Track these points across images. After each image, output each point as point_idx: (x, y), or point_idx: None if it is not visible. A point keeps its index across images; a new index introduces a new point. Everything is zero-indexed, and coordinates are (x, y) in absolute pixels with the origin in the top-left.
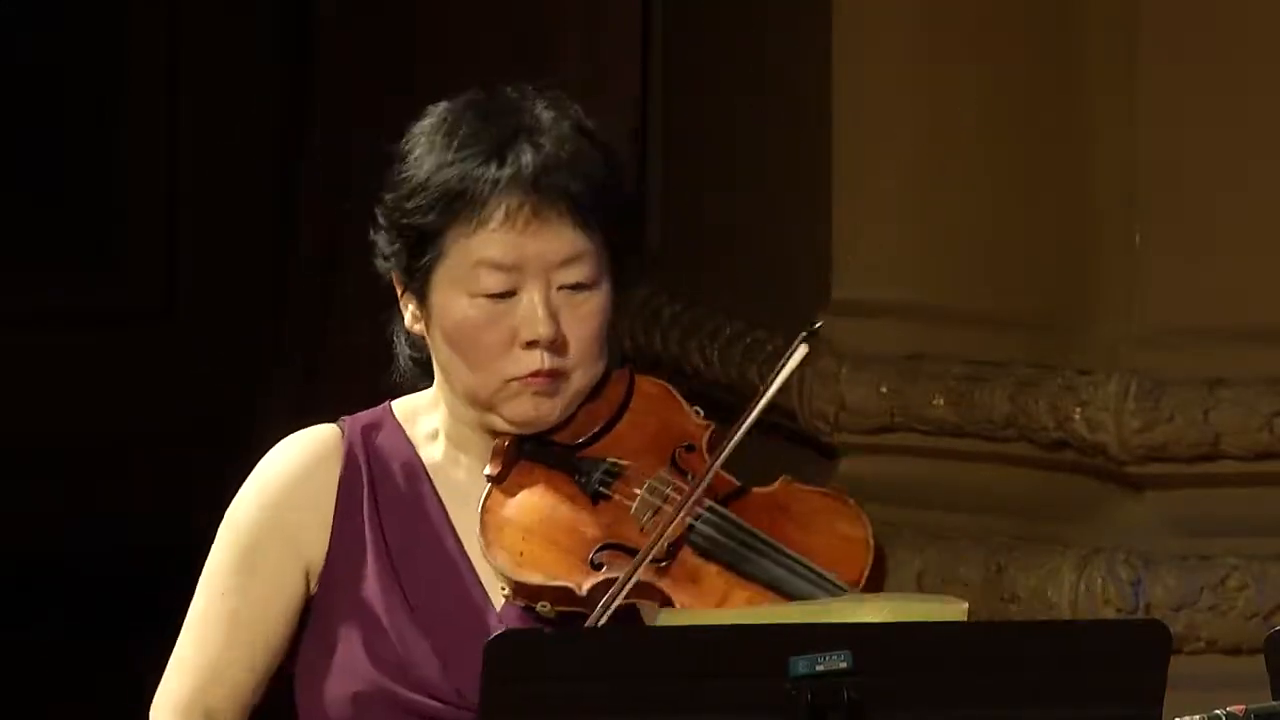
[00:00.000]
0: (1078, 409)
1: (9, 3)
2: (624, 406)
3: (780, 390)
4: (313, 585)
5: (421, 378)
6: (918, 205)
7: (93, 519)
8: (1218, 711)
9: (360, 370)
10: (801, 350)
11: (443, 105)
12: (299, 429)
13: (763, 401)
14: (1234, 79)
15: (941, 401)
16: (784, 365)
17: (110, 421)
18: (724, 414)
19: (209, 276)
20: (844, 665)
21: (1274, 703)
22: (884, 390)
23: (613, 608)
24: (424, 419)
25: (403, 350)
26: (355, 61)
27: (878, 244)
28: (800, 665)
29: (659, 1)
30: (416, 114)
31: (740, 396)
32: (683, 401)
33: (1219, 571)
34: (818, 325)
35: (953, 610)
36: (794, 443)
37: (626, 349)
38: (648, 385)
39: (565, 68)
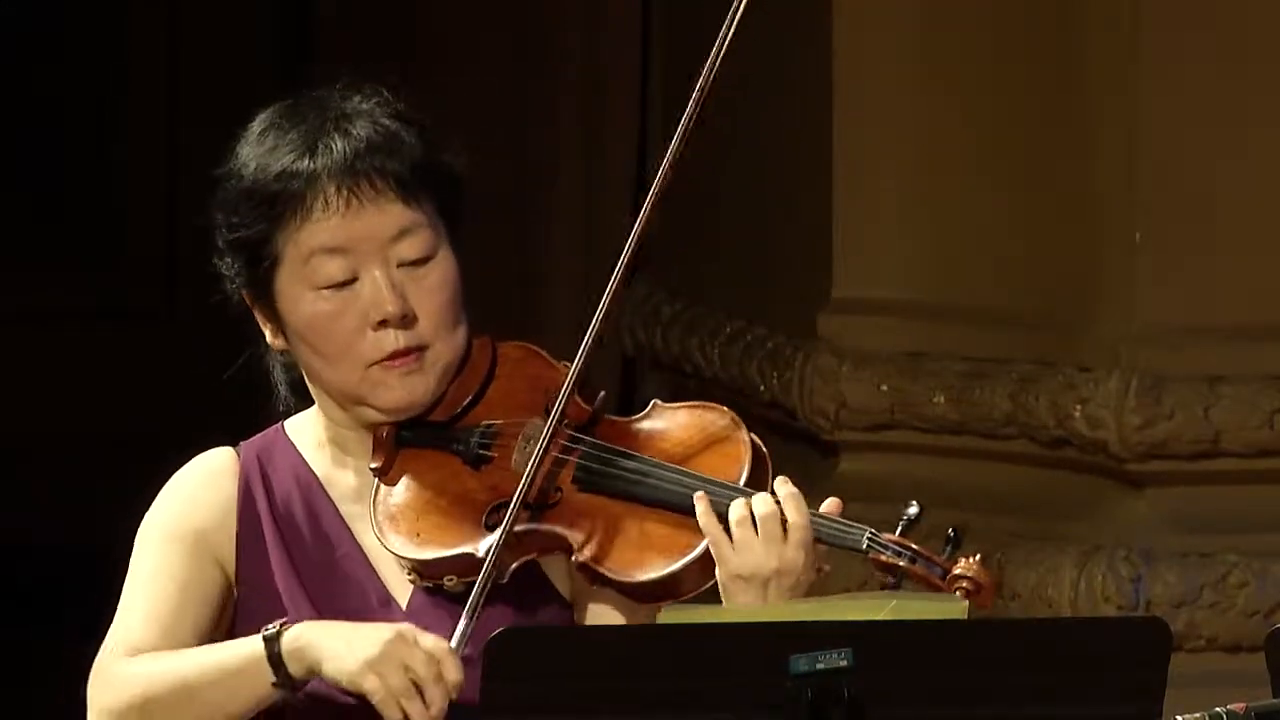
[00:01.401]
0: (1078, 406)
1: (9, 3)
2: (490, 373)
3: (780, 388)
4: (229, 591)
5: (304, 399)
6: (918, 204)
7: (92, 518)
8: (1218, 709)
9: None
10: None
11: (262, 114)
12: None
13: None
14: (1234, 79)
15: (942, 399)
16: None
17: (110, 421)
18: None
19: (209, 276)
20: (844, 663)
21: (1275, 700)
22: (884, 388)
23: (503, 561)
24: (310, 433)
25: (280, 377)
26: (355, 61)
27: (878, 243)
28: (801, 663)
29: (659, 1)
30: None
31: (740, 394)
32: (548, 356)
33: (1219, 569)
34: None
35: (953, 608)
36: (794, 440)
37: (627, 347)
38: (510, 349)
39: (565, 68)
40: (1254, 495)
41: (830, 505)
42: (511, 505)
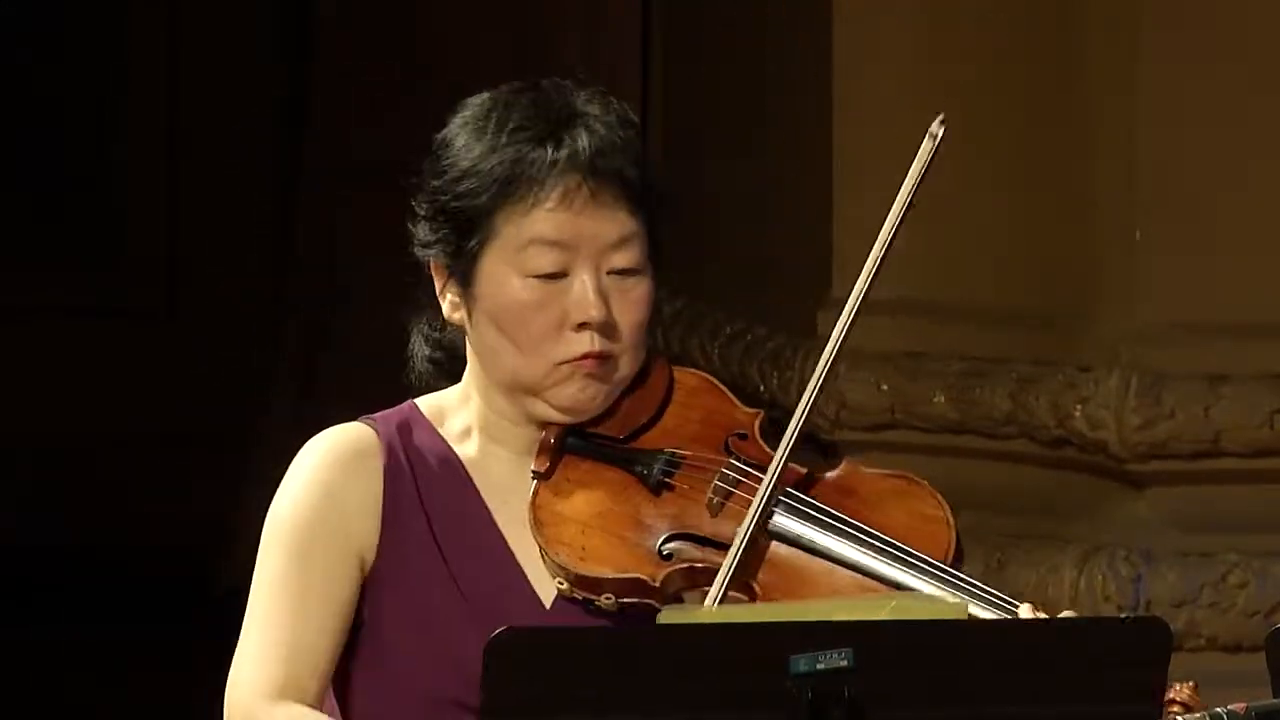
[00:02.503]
0: (1078, 406)
1: (9, 3)
2: (667, 399)
3: (780, 388)
4: (365, 574)
5: (437, 379)
6: (917, 204)
7: (92, 518)
8: (1218, 709)
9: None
10: (927, 148)
11: (485, 95)
12: (299, 429)
13: (875, 263)
14: (1234, 79)
15: (942, 399)
16: (921, 173)
17: (110, 421)
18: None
19: (209, 276)
20: (844, 663)
21: (1275, 700)
22: (884, 387)
23: (720, 596)
24: (453, 417)
25: (420, 351)
26: (355, 61)
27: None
28: (801, 663)
29: (659, 1)
30: (417, 114)
31: (741, 395)
32: (726, 390)
33: (1219, 568)
34: (941, 117)
35: (953, 608)
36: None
37: None
38: (688, 376)
39: (565, 68)
40: (1254, 495)
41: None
42: (733, 551)
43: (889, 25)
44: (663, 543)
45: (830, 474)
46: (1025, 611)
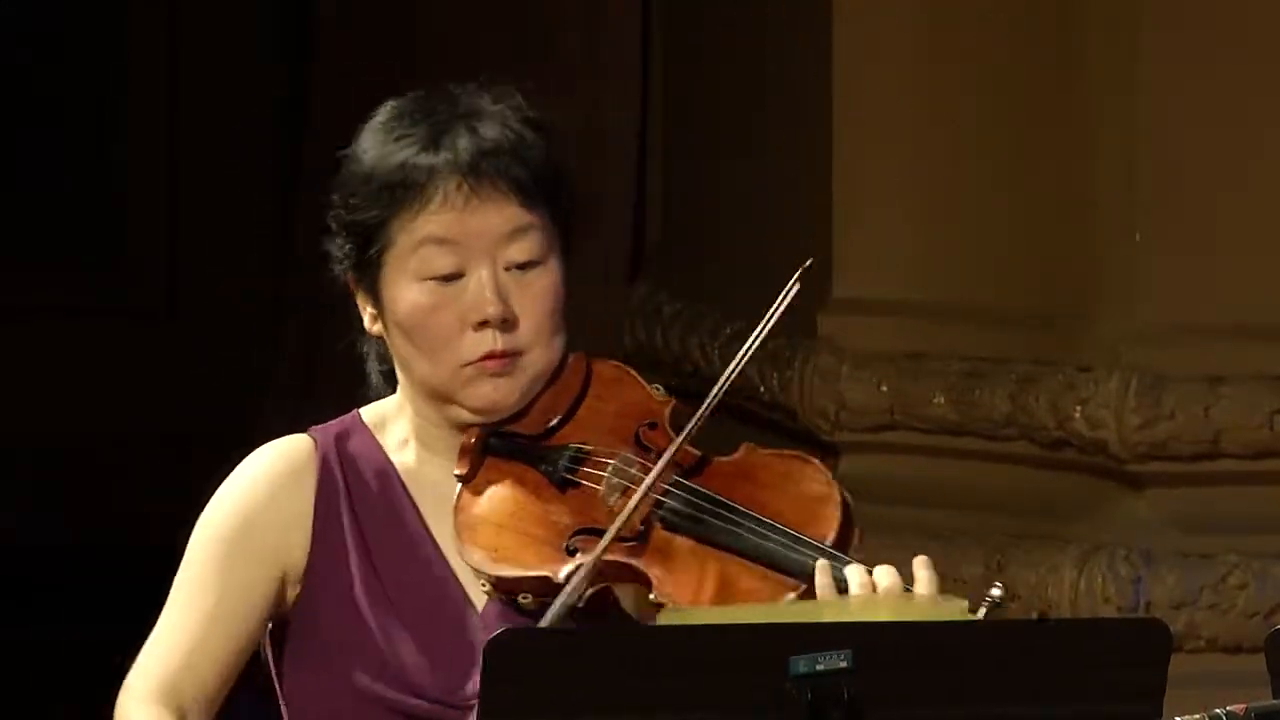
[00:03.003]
0: (1078, 407)
1: (9, 3)
2: (584, 391)
3: (780, 389)
4: (290, 593)
5: (391, 391)
6: (918, 204)
7: (92, 518)
8: (1218, 710)
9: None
10: (795, 289)
11: (388, 104)
12: (299, 429)
13: (740, 362)
14: (1234, 79)
15: (942, 400)
16: (777, 306)
17: (110, 421)
18: (723, 412)
19: (209, 276)
20: (844, 664)
21: (1275, 701)
22: (884, 388)
23: (581, 589)
24: (393, 425)
25: (373, 366)
26: (355, 61)
27: (878, 243)
28: (800, 664)
29: (659, 1)
30: None
31: (740, 395)
32: (641, 380)
33: (1219, 569)
34: (809, 264)
35: (952, 609)
36: (794, 441)
37: (627, 346)
38: (605, 368)
39: (565, 68)
40: (1254, 496)
41: (920, 564)
42: (603, 541)
43: (889, 25)
44: (569, 539)
45: (724, 459)
46: (885, 575)
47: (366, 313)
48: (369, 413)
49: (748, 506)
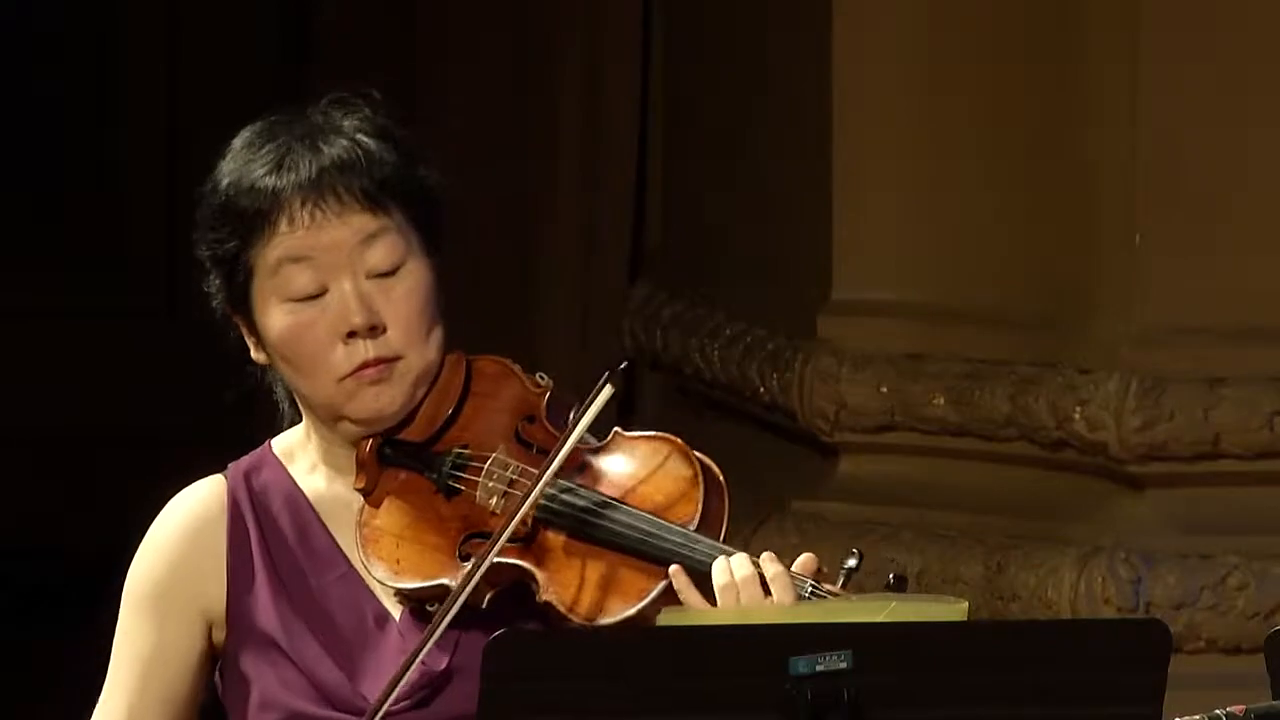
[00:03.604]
0: (1078, 408)
1: (9, 3)
2: (465, 391)
3: (780, 390)
4: (217, 634)
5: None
6: (918, 205)
7: (92, 518)
8: (1218, 711)
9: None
10: (607, 391)
11: (244, 131)
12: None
13: (566, 447)
14: (1234, 79)
15: (942, 401)
16: (588, 406)
17: (110, 421)
18: (723, 412)
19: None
20: (844, 665)
21: (1274, 703)
22: (884, 390)
23: (464, 595)
24: (301, 453)
25: (282, 394)
26: (355, 62)
27: (878, 244)
28: (800, 665)
29: (659, 1)
30: (417, 114)
31: (740, 396)
32: (520, 373)
33: (1219, 570)
34: (623, 365)
35: (953, 610)
36: (794, 442)
37: (627, 347)
38: (485, 364)
39: (565, 68)
40: (1254, 497)
41: (805, 562)
42: (491, 544)
43: (889, 24)
44: (461, 545)
45: (596, 448)
46: (768, 563)
47: (250, 341)
48: (279, 443)
49: (615, 496)
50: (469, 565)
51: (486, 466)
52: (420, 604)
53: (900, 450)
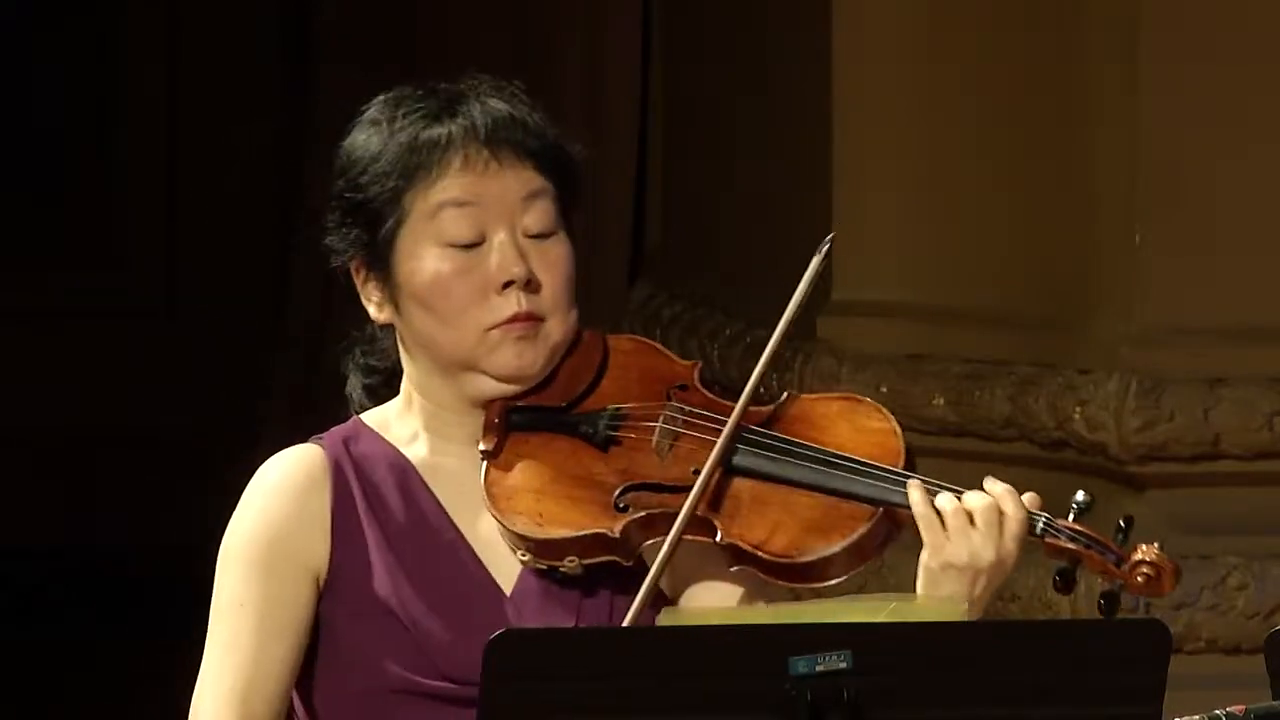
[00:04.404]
0: (1078, 408)
1: (9, 3)
2: (604, 364)
3: (780, 390)
4: (321, 589)
5: (377, 405)
6: (918, 205)
7: (92, 518)
8: (1218, 711)
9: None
10: (816, 262)
11: (380, 97)
12: (298, 430)
13: (782, 325)
14: (1234, 79)
15: (941, 401)
16: (804, 283)
17: (110, 421)
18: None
19: (209, 276)
20: (844, 665)
21: (1274, 703)
22: (884, 390)
23: (672, 541)
24: (398, 424)
25: (356, 384)
26: (355, 62)
27: (877, 245)
28: (800, 665)
29: (659, 1)
30: None
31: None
32: (662, 348)
33: (1219, 571)
34: (831, 236)
35: (953, 610)
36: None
37: None
38: (623, 341)
39: (565, 68)
40: (1254, 497)
41: (1032, 499)
42: (693, 491)
43: (889, 25)
44: (618, 496)
45: (776, 405)
46: (975, 497)
47: (373, 301)
48: (370, 417)
49: (805, 440)
50: (629, 515)
51: (664, 412)
52: (555, 561)
53: None
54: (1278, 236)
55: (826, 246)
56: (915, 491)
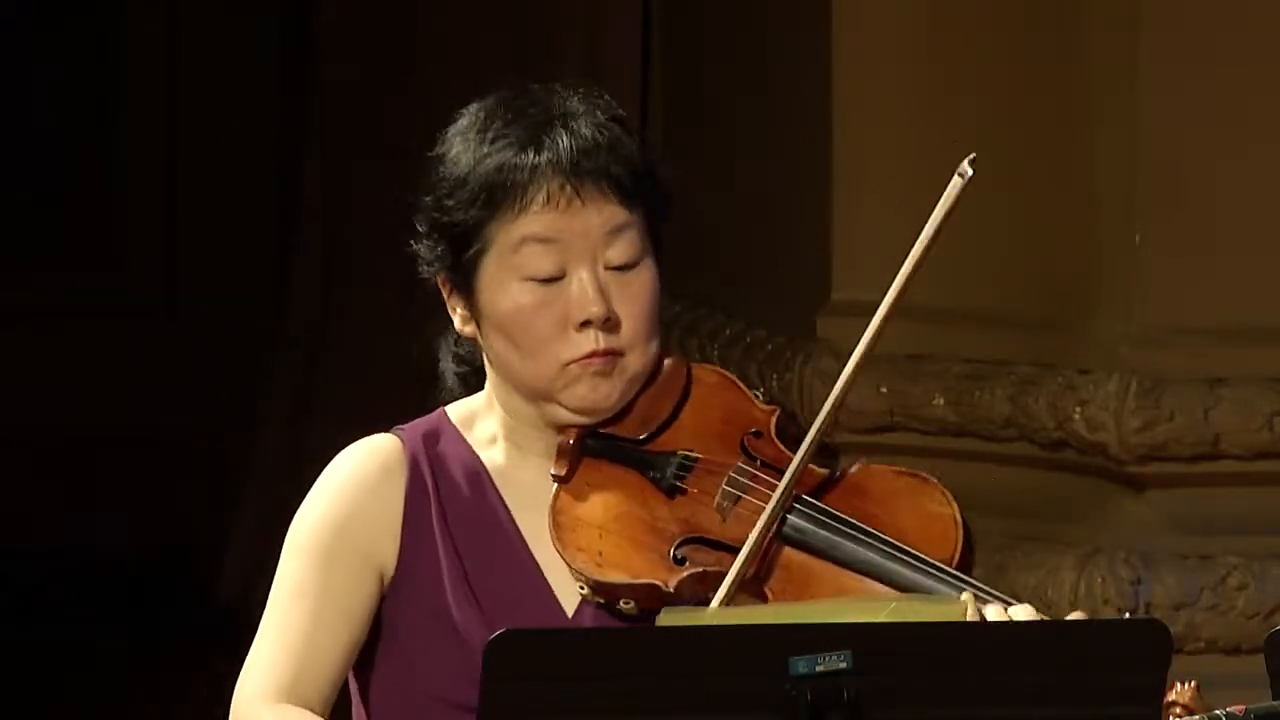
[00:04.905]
0: (1078, 408)
1: (9, 3)
2: (685, 396)
3: (780, 391)
4: (385, 585)
5: (466, 393)
6: (918, 205)
7: (92, 518)
8: (1218, 711)
9: (361, 373)
10: (957, 184)
11: (474, 105)
12: (298, 429)
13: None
14: (1234, 79)
15: (941, 401)
16: (940, 207)
17: (110, 421)
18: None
19: (209, 276)
20: (844, 665)
21: (1274, 703)
22: (884, 390)
23: (720, 603)
24: (480, 424)
25: (448, 367)
26: (355, 62)
27: (877, 245)
28: (800, 665)
29: (659, 2)
30: (416, 114)
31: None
32: (744, 387)
33: (1219, 571)
34: (971, 157)
35: (953, 610)
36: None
37: None
38: (706, 373)
39: (565, 68)
40: (1254, 497)
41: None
42: (740, 558)
43: (889, 25)
44: (676, 547)
45: (840, 473)
46: (1022, 612)
47: (457, 314)
48: (456, 411)
49: (867, 523)
50: (685, 569)
51: (729, 473)
52: (610, 600)
53: (900, 451)
54: (1278, 236)
55: (970, 171)
56: (969, 602)
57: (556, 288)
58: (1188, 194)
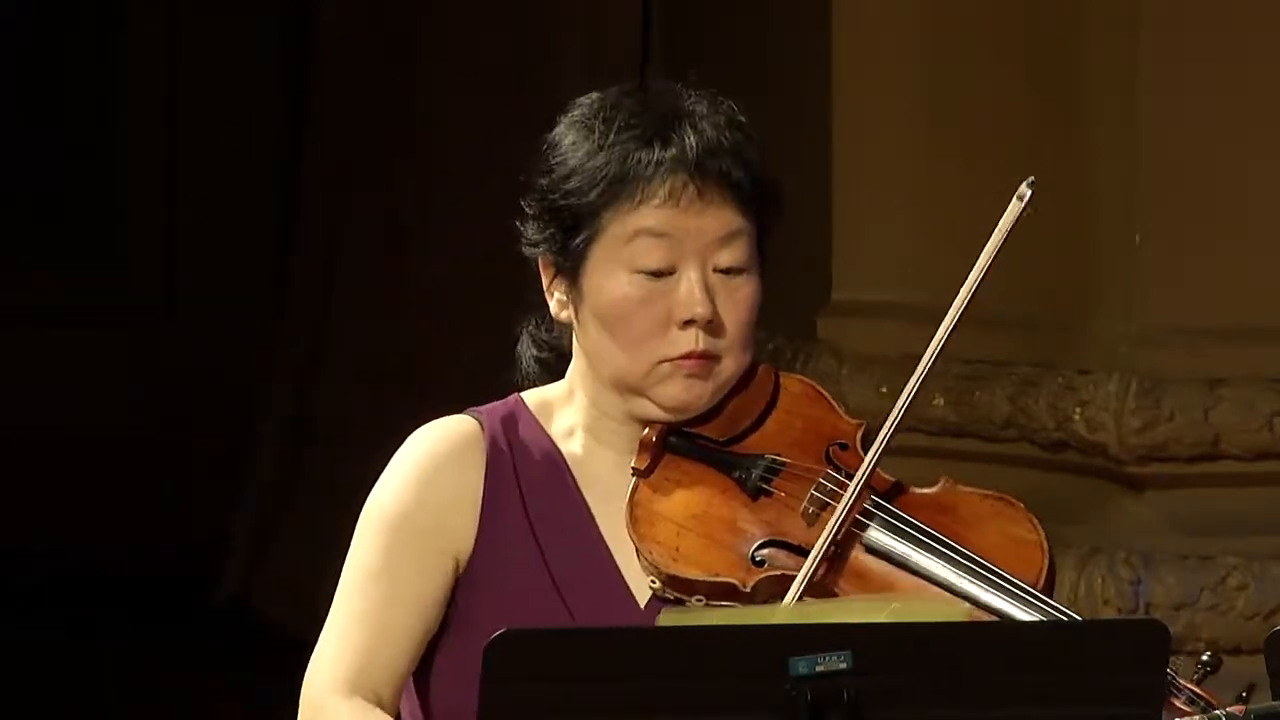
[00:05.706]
0: (1078, 409)
1: (9, 3)
2: (771, 404)
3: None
4: (460, 571)
5: (544, 379)
6: (917, 205)
7: (93, 518)
8: (1218, 711)
9: (360, 374)
10: (1016, 208)
11: (594, 95)
12: (298, 429)
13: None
14: (1234, 79)
15: (942, 401)
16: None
17: (110, 421)
18: None
19: (209, 276)
20: (844, 665)
21: (1274, 703)
22: (884, 390)
23: (797, 594)
24: (559, 413)
25: (527, 351)
26: (355, 62)
27: (878, 244)
28: (800, 665)
29: (659, 2)
30: (416, 113)
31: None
32: (831, 399)
33: (1219, 571)
34: (1031, 179)
35: (953, 610)
36: None
37: None
38: (793, 383)
39: (565, 68)
40: (1254, 498)
41: None
42: (811, 558)
43: (889, 25)
44: (756, 549)
45: (927, 490)
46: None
47: (555, 299)
48: (532, 398)
49: (946, 535)
50: (765, 570)
51: (818, 480)
52: (682, 595)
53: (900, 451)
54: (1278, 236)
55: (1029, 193)
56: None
57: (664, 283)
58: (1188, 194)
